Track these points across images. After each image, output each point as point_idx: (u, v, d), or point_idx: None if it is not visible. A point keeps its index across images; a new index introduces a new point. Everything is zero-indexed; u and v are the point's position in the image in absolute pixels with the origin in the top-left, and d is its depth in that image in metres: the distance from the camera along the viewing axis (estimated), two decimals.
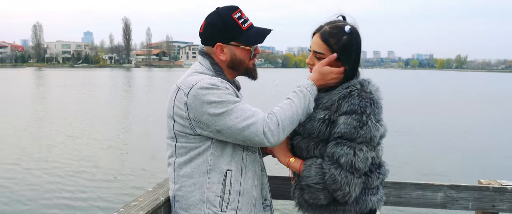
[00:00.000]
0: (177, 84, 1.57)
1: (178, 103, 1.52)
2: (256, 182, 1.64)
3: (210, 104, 1.46)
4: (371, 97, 1.48)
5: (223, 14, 1.59)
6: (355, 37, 1.58)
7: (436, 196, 1.98)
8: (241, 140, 1.48)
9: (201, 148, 1.54)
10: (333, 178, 1.44)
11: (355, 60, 1.57)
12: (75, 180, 8.20)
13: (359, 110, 1.44)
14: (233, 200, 1.55)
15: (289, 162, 1.62)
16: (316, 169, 1.50)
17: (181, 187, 1.58)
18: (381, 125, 1.49)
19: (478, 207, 1.96)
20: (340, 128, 1.46)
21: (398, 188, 1.99)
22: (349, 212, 1.53)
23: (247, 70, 1.68)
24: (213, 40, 1.62)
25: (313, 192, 1.52)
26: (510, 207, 1.94)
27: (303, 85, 1.59)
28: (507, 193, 1.93)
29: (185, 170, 1.57)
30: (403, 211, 6.18)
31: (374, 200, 1.56)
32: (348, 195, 1.46)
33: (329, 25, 1.60)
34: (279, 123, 1.48)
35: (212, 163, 1.54)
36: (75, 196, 7.32)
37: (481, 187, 1.95)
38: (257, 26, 1.65)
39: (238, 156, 1.57)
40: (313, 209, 1.59)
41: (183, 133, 1.54)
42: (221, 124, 1.46)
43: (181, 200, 1.58)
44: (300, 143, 1.59)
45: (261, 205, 1.66)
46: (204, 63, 1.64)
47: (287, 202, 1.95)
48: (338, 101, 1.50)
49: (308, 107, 1.56)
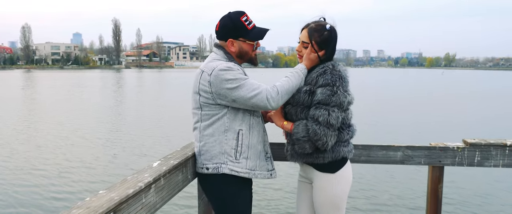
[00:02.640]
0: (201, 68, 2.15)
1: (203, 82, 2.09)
2: (260, 139, 2.21)
3: (227, 81, 2.03)
4: (339, 74, 2.06)
5: (233, 17, 2.17)
6: (333, 33, 2.17)
7: (396, 155, 2.57)
8: (250, 106, 2.06)
9: (220, 114, 2.11)
10: (314, 132, 2.02)
11: (332, 49, 2.16)
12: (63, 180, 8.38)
13: (331, 83, 2.02)
14: (244, 152, 2.13)
15: (283, 124, 2.20)
16: (302, 126, 2.08)
17: (205, 143, 2.15)
18: (348, 94, 2.07)
19: (428, 162, 2.55)
20: (318, 97, 2.04)
21: (367, 150, 2.57)
22: (327, 158, 2.12)
23: (250, 59, 2.26)
24: (225, 36, 2.20)
25: (301, 143, 2.09)
26: (453, 161, 2.53)
27: (299, 68, 2.18)
28: (450, 151, 2.52)
29: (208, 131, 2.14)
30: (372, 167, 8.04)
31: (345, 150, 2.15)
32: (326, 144, 2.04)
33: (314, 23, 2.18)
34: (279, 92, 2.06)
35: (228, 124, 2.11)
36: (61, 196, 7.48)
37: (430, 147, 2.55)
38: (258, 26, 2.23)
39: (247, 119, 2.14)
40: (302, 157, 2.18)
41: (206, 104, 2.11)
42: (235, 94, 2.03)
43: (206, 154, 2.15)
44: (291, 110, 2.18)
45: (264, 156, 2.23)
46: (219, 53, 2.21)
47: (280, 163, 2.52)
48: (316, 78, 2.09)
49: (300, 83, 2.14)
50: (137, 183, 1.62)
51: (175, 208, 6.69)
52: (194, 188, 2.58)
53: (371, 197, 7.45)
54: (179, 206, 6.75)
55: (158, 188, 1.77)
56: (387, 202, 7.35)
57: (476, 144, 2.50)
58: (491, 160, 2.50)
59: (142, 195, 1.62)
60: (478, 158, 2.50)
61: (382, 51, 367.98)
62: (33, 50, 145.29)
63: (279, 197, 7.38)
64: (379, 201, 7.31)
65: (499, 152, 2.49)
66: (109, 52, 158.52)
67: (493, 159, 2.50)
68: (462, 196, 7.55)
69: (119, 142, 12.59)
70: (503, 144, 2.48)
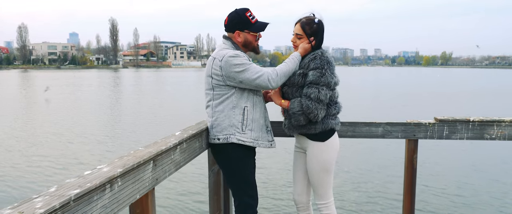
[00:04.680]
0: (212, 56, 2.58)
1: (215, 66, 2.53)
2: (262, 114, 2.65)
3: (235, 66, 2.47)
4: (327, 59, 2.51)
5: (240, 13, 2.61)
6: (321, 25, 2.61)
7: (378, 130, 3.01)
8: (254, 86, 2.49)
9: (229, 93, 2.55)
10: (307, 107, 2.46)
11: (320, 38, 2.60)
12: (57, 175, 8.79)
13: (320, 66, 2.47)
14: (249, 125, 2.57)
15: (281, 102, 2.65)
16: (297, 103, 2.52)
17: (217, 118, 2.59)
18: (335, 76, 2.52)
19: (405, 136, 3.00)
20: (310, 78, 2.48)
21: (353, 126, 3.02)
22: (318, 129, 2.56)
23: (254, 48, 2.71)
24: (233, 29, 2.63)
25: (297, 117, 2.54)
26: (425, 135, 2.98)
27: (294, 55, 2.63)
28: (423, 126, 2.97)
29: (219, 108, 2.58)
30: (357, 141, 9.39)
31: (333, 122, 2.60)
32: (317, 116, 2.48)
33: (305, 18, 2.63)
34: (278, 74, 2.50)
35: (236, 102, 2.55)
36: None
37: (406, 123, 3.00)
38: (260, 21, 2.67)
39: (251, 98, 2.58)
40: (297, 129, 2.62)
41: (218, 85, 2.55)
42: (242, 77, 2.47)
43: (217, 127, 2.59)
44: (287, 90, 2.62)
45: (265, 129, 2.67)
46: (227, 43, 2.65)
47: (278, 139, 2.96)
48: (308, 62, 2.53)
49: (295, 68, 2.59)
50: (167, 143, 2.06)
51: (190, 177, 8.43)
52: (204, 164, 3.03)
53: (357, 169, 9.28)
54: (193, 176, 8.49)
55: (181, 150, 2.21)
56: (371, 169, 9.34)
57: (445, 120, 2.95)
58: (457, 134, 2.95)
59: (171, 152, 2.06)
60: (446, 132, 2.96)
61: (379, 50, 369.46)
62: (29, 50, 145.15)
63: (277, 169, 9.22)
64: (365, 169, 9.31)
65: (463, 126, 2.94)
66: (106, 52, 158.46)
67: (459, 132, 2.95)
68: (434, 165, 9.47)
69: (116, 140, 13.01)
70: (467, 120, 2.93)
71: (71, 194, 1.24)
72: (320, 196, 2.70)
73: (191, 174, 8.53)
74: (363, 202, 7.32)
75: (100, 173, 1.48)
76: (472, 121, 2.93)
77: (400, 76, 77.57)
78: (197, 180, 8.20)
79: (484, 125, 2.93)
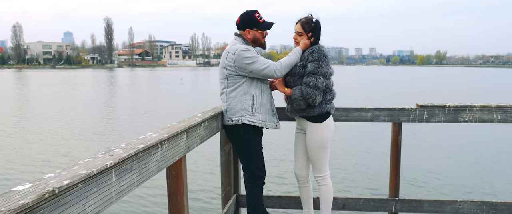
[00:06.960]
0: (227, 50, 3.05)
1: (229, 59, 3.00)
2: (268, 100, 3.12)
3: (246, 58, 2.93)
4: (323, 53, 2.98)
5: (250, 14, 3.08)
6: (318, 24, 3.08)
7: (367, 115, 3.49)
8: (262, 75, 2.96)
9: (240, 82, 3.02)
10: (306, 92, 2.93)
11: (318, 35, 3.07)
12: None
13: (317, 59, 2.94)
14: (258, 108, 3.04)
15: (285, 89, 3.12)
16: (298, 90, 2.99)
17: (230, 103, 3.05)
18: (330, 67, 2.99)
19: (390, 120, 3.48)
20: (309, 68, 2.95)
21: (346, 111, 3.49)
22: (316, 112, 3.03)
23: (261, 44, 3.18)
24: (244, 27, 3.10)
25: (297, 102, 3.01)
26: (408, 119, 3.46)
27: (296, 50, 3.09)
28: (406, 111, 3.45)
29: (232, 94, 3.04)
30: (349, 125, 12.37)
31: (328, 107, 3.07)
32: (315, 101, 2.95)
33: (305, 18, 3.10)
34: (283, 65, 2.97)
35: (246, 89, 3.02)
36: None
37: (392, 109, 3.48)
38: (267, 21, 3.14)
39: (259, 85, 3.05)
40: (298, 112, 3.10)
41: (231, 75, 3.02)
42: (252, 67, 2.94)
43: (231, 110, 3.06)
44: (290, 79, 3.09)
45: (271, 112, 3.15)
46: (239, 39, 3.12)
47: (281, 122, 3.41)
48: (307, 55, 3.00)
49: (297, 60, 3.06)
50: (195, 120, 2.52)
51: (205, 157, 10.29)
52: (216, 146, 3.49)
53: (350, 149, 11.44)
54: (206, 156, 10.34)
55: (205, 127, 2.68)
56: (361, 150, 11.43)
57: (425, 105, 3.44)
58: (435, 117, 3.43)
59: (198, 127, 2.53)
60: (426, 115, 3.44)
61: (374, 49, 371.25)
62: (24, 49, 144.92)
63: (281, 147, 11.38)
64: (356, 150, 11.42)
65: (441, 111, 3.42)
66: (101, 51, 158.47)
67: (437, 116, 3.44)
68: (416, 146, 11.83)
69: (111, 137, 13.43)
70: (444, 105, 3.42)
71: (139, 148, 1.70)
72: (318, 170, 3.18)
73: (206, 154, 10.41)
74: (355, 179, 8.80)
75: (151, 137, 1.94)
76: (448, 106, 3.41)
77: (395, 75, 78.43)
78: (211, 159, 10.03)
79: (458, 110, 3.42)
